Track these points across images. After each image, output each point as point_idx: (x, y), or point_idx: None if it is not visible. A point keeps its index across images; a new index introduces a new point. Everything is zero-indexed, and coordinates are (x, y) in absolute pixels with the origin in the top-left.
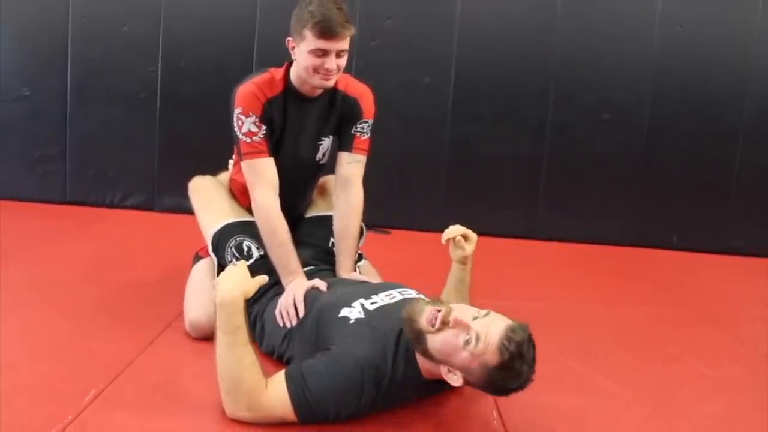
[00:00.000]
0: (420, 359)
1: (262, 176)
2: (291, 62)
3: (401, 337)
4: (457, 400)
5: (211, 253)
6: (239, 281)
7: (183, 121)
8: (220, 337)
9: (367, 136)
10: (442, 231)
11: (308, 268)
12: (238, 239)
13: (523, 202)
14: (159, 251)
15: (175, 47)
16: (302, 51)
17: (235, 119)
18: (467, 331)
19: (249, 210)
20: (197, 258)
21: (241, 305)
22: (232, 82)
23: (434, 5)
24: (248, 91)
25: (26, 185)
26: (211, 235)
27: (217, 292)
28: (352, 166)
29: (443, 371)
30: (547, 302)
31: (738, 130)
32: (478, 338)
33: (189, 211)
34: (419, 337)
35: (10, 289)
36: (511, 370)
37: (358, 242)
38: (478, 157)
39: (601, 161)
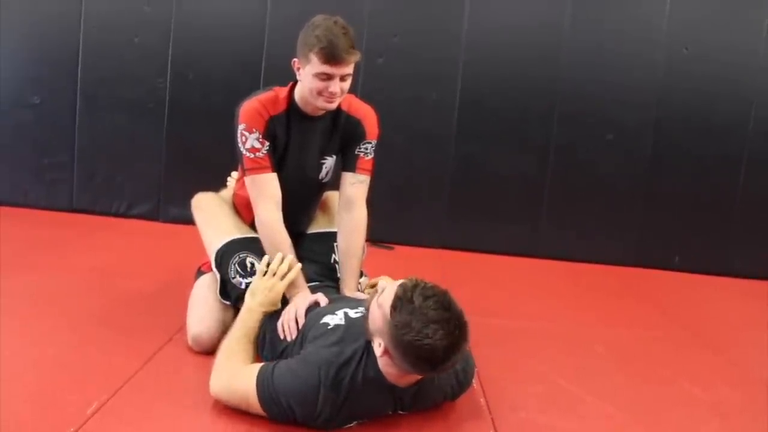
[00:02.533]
0: (380, 362)
1: (265, 191)
2: (296, 82)
3: (369, 342)
4: (453, 420)
5: (214, 269)
6: (271, 302)
7: (190, 132)
8: (236, 328)
9: (370, 157)
10: (444, 247)
11: (313, 283)
12: (241, 256)
13: (525, 220)
14: (163, 262)
15: (184, 59)
16: (307, 73)
17: (239, 135)
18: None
19: (252, 226)
20: (199, 273)
21: (260, 316)
22: (239, 95)
23: (441, 23)
24: (252, 107)
25: (34, 192)
26: (215, 252)
27: (251, 297)
28: (355, 187)
29: (375, 347)
30: (546, 321)
31: (741, 152)
32: (384, 289)
33: (194, 222)
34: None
35: (14, 297)
36: (410, 303)
37: (362, 261)
38: (481, 174)
39: (603, 181)
